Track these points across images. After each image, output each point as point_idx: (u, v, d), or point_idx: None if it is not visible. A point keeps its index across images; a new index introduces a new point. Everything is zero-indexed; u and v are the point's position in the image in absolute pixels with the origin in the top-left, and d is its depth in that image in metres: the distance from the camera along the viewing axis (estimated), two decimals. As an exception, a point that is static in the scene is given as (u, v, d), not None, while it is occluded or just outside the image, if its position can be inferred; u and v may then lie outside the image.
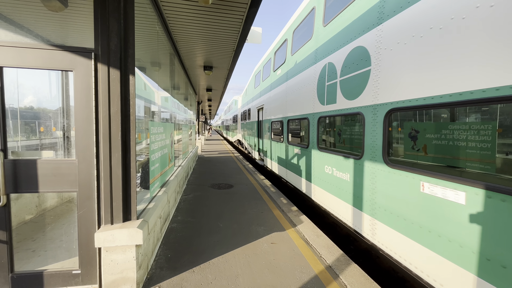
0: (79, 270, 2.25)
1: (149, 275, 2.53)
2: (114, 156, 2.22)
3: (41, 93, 4.35)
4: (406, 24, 2.46)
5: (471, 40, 1.86)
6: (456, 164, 2.06)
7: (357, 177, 3.26)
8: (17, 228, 3.29)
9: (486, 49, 1.76)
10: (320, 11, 4.35)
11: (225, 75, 7.68)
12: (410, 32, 2.41)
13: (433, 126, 2.27)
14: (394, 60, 2.60)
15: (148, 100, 4.21)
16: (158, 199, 3.13)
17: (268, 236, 3.51)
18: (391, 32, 2.65)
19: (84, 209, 2.23)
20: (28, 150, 4.31)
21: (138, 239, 2.20)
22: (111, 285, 2.21)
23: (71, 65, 2.15)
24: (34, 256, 2.64)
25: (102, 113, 2.19)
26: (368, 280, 2.60)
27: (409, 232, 2.43)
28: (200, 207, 4.67)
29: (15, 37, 3.06)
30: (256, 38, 5.53)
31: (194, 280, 2.49)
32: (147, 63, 4.01)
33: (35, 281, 2.20)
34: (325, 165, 4.12)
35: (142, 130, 3.35)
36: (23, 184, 2.13)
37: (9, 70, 2.96)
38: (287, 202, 5.11)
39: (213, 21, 3.80)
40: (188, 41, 4.67)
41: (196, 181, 6.77)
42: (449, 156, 2.11)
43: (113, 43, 2.17)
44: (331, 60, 3.84)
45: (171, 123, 4.70)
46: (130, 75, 2.26)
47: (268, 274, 2.64)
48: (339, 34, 3.65)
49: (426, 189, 2.22)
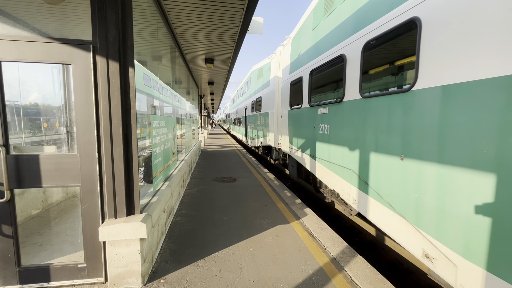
0: (85, 263, 2.27)
1: (154, 268, 2.55)
2: (116, 150, 2.20)
3: (44, 90, 4.35)
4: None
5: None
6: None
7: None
8: (24, 222, 3.33)
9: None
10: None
11: (227, 68, 7.59)
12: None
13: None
14: None
15: (150, 95, 4.18)
16: (161, 193, 3.13)
17: (272, 229, 3.51)
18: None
19: (87, 203, 2.23)
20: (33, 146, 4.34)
21: (142, 232, 2.20)
22: (117, 278, 2.23)
23: (70, 58, 2.11)
24: (41, 250, 2.67)
25: (102, 107, 2.16)
26: (373, 272, 2.58)
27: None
28: (204, 200, 4.68)
29: (12, 31, 3.03)
30: (258, 28, 5.41)
31: (199, 273, 2.50)
32: (147, 56, 3.96)
33: (42, 274, 2.22)
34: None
35: (145, 125, 3.33)
36: (26, 179, 2.13)
37: (12, 66, 2.94)
38: (291, 195, 5.09)
39: (213, 12, 3.71)
40: (188, 32, 4.59)
41: (199, 175, 6.78)
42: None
43: (111, 34, 2.12)
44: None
45: (173, 117, 4.67)
46: (130, 68, 2.22)
47: (273, 266, 2.63)
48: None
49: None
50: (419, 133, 2.28)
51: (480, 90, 1.76)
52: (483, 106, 1.75)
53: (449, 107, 1.99)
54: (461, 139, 1.91)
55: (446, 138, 2.03)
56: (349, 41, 3.45)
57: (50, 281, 2.23)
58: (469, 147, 1.85)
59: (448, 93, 2.00)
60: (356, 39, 3.26)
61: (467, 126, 1.86)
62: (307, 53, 5.04)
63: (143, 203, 2.63)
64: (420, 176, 2.28)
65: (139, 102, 2.90)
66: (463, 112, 1.89)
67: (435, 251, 2.14)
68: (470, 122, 1.84)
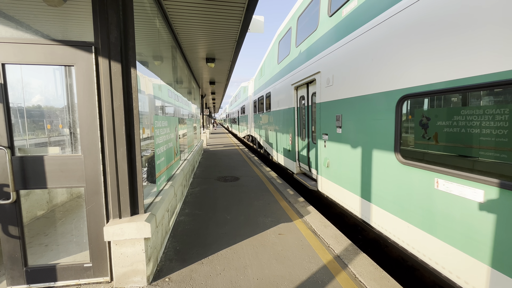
0: (91, 263, 2.29)
1: (158, 267, 2.57)
2: (119, 150, 2.22)
3: (47, 91, 4.38)
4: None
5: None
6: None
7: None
8: (30, 223, 3.37)
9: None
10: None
11: (228, 67, 7.59)
12: None
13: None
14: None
15: (151, 95, 4.18)
16: (165, 193, 3.14)
17: (275, 227, 3.51)
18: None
19: (92, 203, 2.25)
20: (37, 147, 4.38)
21: (146, 232, 2.22)
22: (122, 277, 2.25)
23: (72, 59, 2.13)
24: (47, 251, 2.70)
25: (105, 108, 2.17)
26: (377, 269, 2.58)
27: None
28: (207, 200, 4.70)
29: (15, 33, 3.05)
30: (259, 27, 5.40)
31: (204, 272, 2.52)
32: (149, 57, 3.96)
33: (49, 274, 2.25)
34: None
35: (147, 125, 3.34)
36: (31, 180, 2.15)
37: (14, 68, 2.96)
38: (294, 193, 5.09)
39: (214, 11, 3.71)
40: (189, 32, 4.59)
41: (202, 174, 6.80)
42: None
43: (113, 35, 2.13)
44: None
45: (175, 117, 4.69)
46: (132, 68, 2.23)
47: (277, 264, 2.64)
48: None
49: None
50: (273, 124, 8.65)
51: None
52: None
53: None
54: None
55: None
56: (266, 91, 9.33)
57: (56, 280, 2.26)
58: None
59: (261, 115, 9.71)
60: (266, 92, 9.33)
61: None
62: (257, 89, 12.01)
63: (147, 203, 2.65)
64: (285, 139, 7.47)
65: (141, 102, 2.91)
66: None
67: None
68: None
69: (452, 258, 2.13)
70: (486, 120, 1.93)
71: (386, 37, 2.81)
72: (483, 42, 1.84)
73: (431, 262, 2.33)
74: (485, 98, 2.00)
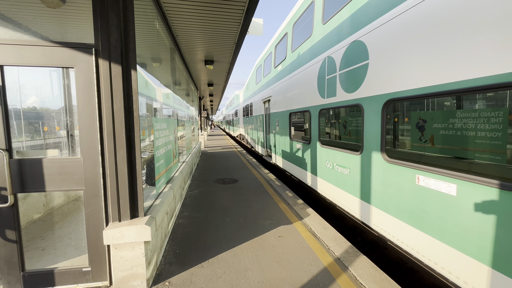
0: (89, 267, 2.26)
1: (158, 271, 2.54)
2: (119, 153, 2.20)
3: (43, 93, 4.33)
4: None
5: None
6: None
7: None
8: (26, 227, 3.32)
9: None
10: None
11: (227, 69, 7.59)
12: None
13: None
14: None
15: (150, 97, 4.17)
16: (164, 195, 3.12)
17: (275, 229, 3.51)
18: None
19: (91, 207, 2.23)
20: (33, 150, 4.32)
21: (146, 235, 2.20)
22: (122, 282, 2.22)
23: (72, 61, 2.11)
24: (44, 255, 2.66)
25: (105, 110, 2.16)
26: (378, 271, 2.59)
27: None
28: (206, 202, 4.67)
29: (14, 35, 3.02)
30: (258, 29, 5.43)
31: (204, 275, 2.50)
32: (148, 59, 3.95)
33: (46, 279, 2.21)
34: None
35: (145, 127, 3.33)
36: (29, 183, 2.12)
37: (11, 70, 2.93)
38: (293, 195, 5.09)
39: (213, 13, 3.71)
40: (188, 34, 4.59)
41: (200, 177, 6.77)
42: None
43: (113, 37, 2.12)
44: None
45: (174, 119, 4.67)
46: (132, 70, 2.22)
47: (277, 267, 2.63)
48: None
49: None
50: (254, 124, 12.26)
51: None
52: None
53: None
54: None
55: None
56: (249, 101, 13.26)
57: (54, 285, 2.22)
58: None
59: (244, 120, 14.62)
60: (250, 102, 13.30)
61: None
62: (244, 98, 16.13)
63: (146, 206, 2.62)
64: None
65: (140, 105, 2.90)
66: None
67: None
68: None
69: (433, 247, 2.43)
70: (453, 123, 2.23)
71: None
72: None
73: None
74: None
